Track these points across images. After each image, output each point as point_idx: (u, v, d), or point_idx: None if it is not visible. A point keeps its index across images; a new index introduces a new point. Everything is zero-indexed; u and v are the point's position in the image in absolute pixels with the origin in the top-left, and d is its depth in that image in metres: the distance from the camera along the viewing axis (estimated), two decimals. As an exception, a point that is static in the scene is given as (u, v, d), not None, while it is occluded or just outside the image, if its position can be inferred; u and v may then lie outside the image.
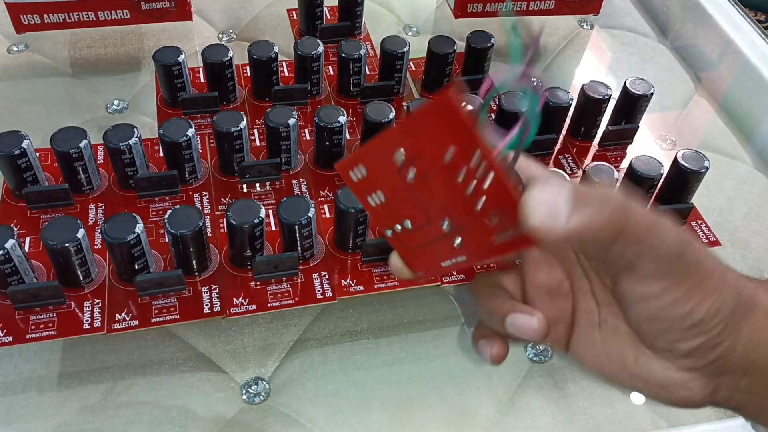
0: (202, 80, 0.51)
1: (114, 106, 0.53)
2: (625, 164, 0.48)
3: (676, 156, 0.44)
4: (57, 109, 0.53)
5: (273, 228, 0.42)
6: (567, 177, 0.26)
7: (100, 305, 0.37)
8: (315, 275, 0.40)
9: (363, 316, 0.42)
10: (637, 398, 0.40)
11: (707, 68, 0.63)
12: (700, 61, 0.63)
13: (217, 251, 0.40)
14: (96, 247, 0.40)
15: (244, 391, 0.38)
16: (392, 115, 0.44)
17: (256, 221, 0.37)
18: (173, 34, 0.59)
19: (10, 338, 0.36)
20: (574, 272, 0.27)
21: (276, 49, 0.48)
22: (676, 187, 0.44)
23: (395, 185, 0.24)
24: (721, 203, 0.51)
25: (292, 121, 0.43)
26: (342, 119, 0.44)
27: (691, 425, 0.39)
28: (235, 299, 0.38)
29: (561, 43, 0.64)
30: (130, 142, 0.41)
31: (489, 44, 0.51)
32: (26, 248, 0.40)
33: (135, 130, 0.41)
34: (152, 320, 0.37)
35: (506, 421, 0.38)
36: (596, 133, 0.50)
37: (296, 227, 0.38)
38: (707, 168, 0.43)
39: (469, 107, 0.24)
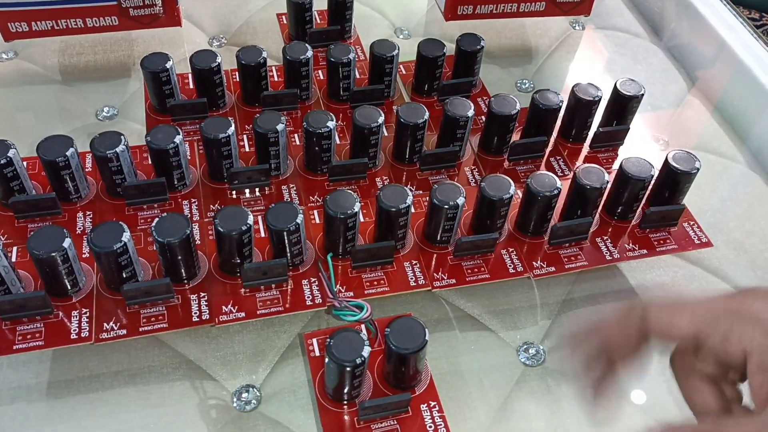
0: (191, 86, 0.51)
1: (104, 113, 0.53)
2: (616, 166, 0.48)
3: (666, 157, 0.43)
4: (47, 116, 0.52)
5: (262, 234, 0.42)
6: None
7: (87, 315, 0.37)
8: (305, 281, 0.40)
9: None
10: (633, 400, 0.39)
11: (701, 68, 0.63)
12: (694, 62, 0.63)
13: (206, 258, 0.40)
14: (84, 256, 0.40)
15: (234, 399, 0.38)
16: (382, 119, 0.44)
17: (244, 228, 0.37)
18: (163, 40, 0.59)
19: (-3, 349, 0.35)
20: None
21: (264, 54, 0.48)
22: (668, 189, 0.44)
23: None
24: (714, 204, 0.51)
25: (280, 127, 0.43)
26: (331, 124, 0.43)
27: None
28: (224, 307, 0.38)
29: (552, 45, 0.63)
30: (117, 149, 0.40)
31: (479, 47, 0.51)
32: (13, 258, 0.39)
33: (122, 137, 0.41)
34: (140, 329, 0.37)
35: (499, 426, 0.38)
36: (587, 134, 0.50)
37: (284, 234, 0.38)
38: (698, 169, 0.43)
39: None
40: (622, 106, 0.49)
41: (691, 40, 0.64)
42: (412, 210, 0.41)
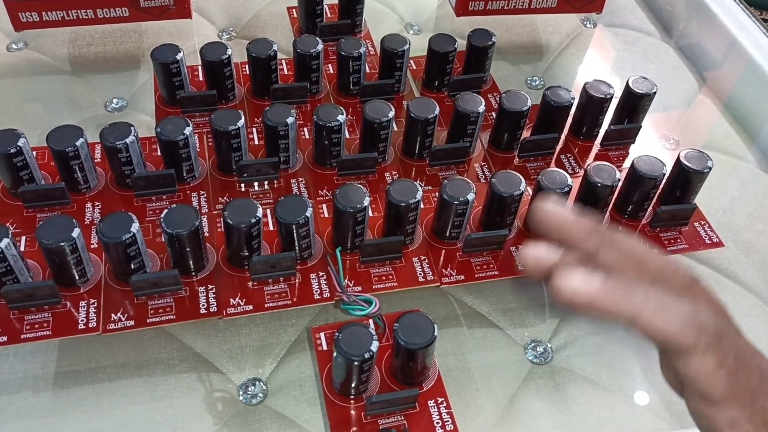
0: (201, 78, 0.51)
1: (113, 105, 0.52)
2: (627, 164, 0.48)
3: (678, 156, 0.43)
4: (56, 107, 0.52)
5: (271, 227, 0.42)
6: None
7: (95, 305, 0.37)
8: (313, 275, 0.40)
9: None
10: (639, 400, 0.39)
11: (711, 67, 0.62)
12: (705, 60, 0.63)
13: (215, 251, 0.40)
14: (92, 246, 0.40)
15: (241, 392, 0.38)
16: (392, 113, 0.44)
17: (253, 221, 0.37)
18: (173, 32, 0.59)
19: (5, 338, 0.35)
20: None
21: (275, 47, 0.48)
22: (679, 188, 0.44)
23: None
24: (724, 203, 0.51)
25: (290, 120, 0.43)
26: (341, 118, 0.43)
27: (693, 427, 0.38)
28: (231, 299, 0.38)
29: (563, 42, 0.63)
30: (127, 140, 0.40)
31: (490, 42, 0.51)
32: (22, 247, 0.39)
33: (132, 128, 0.41)
34: (148, 320, 0.37)
35: (505, 423, 0.38)
36: (598, 132, 0.50)
37: (294, 227, 0.38)
38: (710, 168, 0.43)
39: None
40: (634, 104, 0.48)
41: (702, 39, 0.63)
42: (422, 205, 0.40)
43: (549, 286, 0.25)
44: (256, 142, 0.47)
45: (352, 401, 0.35)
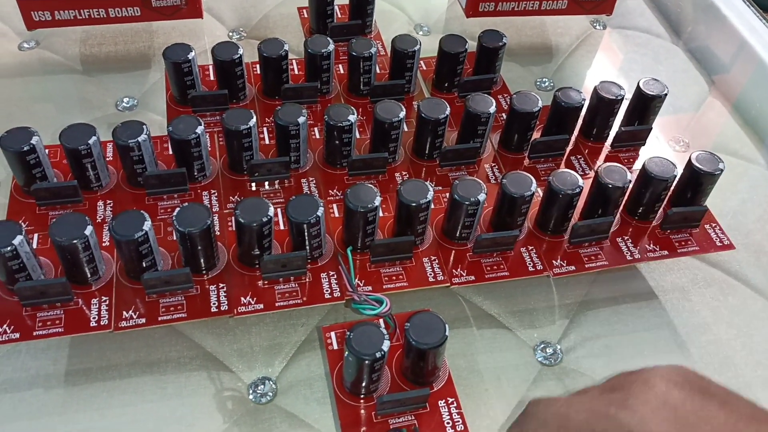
0: (212, 78, 0.51)
1: (124, 104, 0.53)
2: (638, 166, 0.48)
3: (690, 158, 0.43)
4: (67, 106, 0.53)
5: (282, 227, 0.42)
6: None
7: (107, 303, 0.37)
8: (323, 275, 0.40)
9: (371, 316, 0.41)
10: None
11: (721, 70, 0.62)
12: (714, 63, 0.63)
13: (225, 250, 0.40)
14: (104, 244, 0.40)
15: (251, 391, 0.38)
16: (402, 114, 0.44)
17: (265, 220, 0.37)
18: (184, 31, 0.59)
19: (17, 335, 0.35)
20: None
21: (286, 47, 0.48)
22: (690, 190, 0.44)
23: None
24: (735, 206, 0.50)
25: (301, 120, 0.43)
26: (352, 118, 0.43)
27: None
28: (242, 298, 0.38)
29: (573, 44, 0.63)
30: (139, 139, 0.40)
31: (501, 43, 0.51)
32: (34, 245, 0.40)
33: (144, 127, 0.41)
34: (159, 318, 0.37)
35: (515, 425, 0.38)
36: (608, 134, 0.49)
37: (305, 226, 0.38)
38: (722, 170, 0.43)
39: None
40: (645, 106, 0.48)
41: (711, 41, 0.63)
42: (432, 206, 0.40)
43: None
44: (267, 142, 0.47)
45: (362, 401, 0.36)
